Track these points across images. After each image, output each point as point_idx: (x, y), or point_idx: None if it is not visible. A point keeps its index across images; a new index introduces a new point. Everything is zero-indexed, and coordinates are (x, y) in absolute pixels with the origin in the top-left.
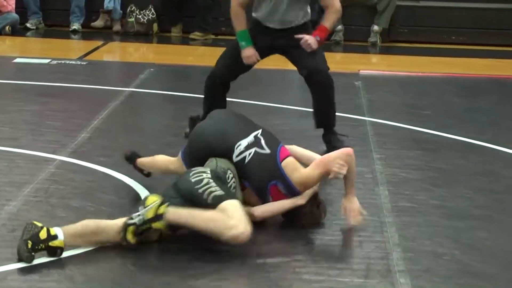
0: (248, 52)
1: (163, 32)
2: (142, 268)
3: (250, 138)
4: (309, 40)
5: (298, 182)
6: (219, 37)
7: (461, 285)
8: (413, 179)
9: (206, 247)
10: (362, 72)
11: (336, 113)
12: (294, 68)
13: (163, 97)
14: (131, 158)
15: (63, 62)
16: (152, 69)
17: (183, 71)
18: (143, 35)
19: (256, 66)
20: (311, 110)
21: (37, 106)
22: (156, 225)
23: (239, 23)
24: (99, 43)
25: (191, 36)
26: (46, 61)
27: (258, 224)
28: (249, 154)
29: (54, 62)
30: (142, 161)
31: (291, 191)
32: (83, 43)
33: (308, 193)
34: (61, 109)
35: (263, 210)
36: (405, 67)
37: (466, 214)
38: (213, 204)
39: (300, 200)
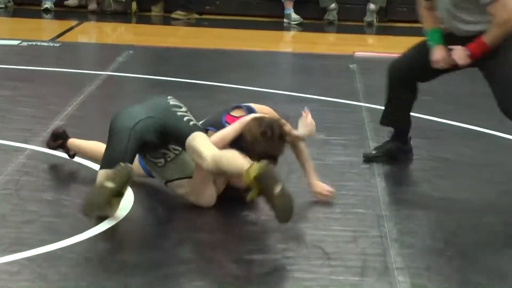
0: (437, 54)
1: (143, 11)
2: (120, 266)
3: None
4: (458, 52)
5: None
6: (204, 16)
7: (464, 283)
8: (413, 170)
9: (187, 242)
10: (358, 54)
11: (331, 99)
12: (284, 50)
13: (142, 82)
14: (61, 136)
15: (34, 43)
16: (130, 51)
17: (164, 53)
18: (121, 14)
19: (246, 48)
20: (301, 95)
21: (6, 91)
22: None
23: (426, 22)
24: (73, 23)
25: (173, 15)
26: (16, 42)
27: (245, 219)
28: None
29: (25, 43)
30: (74, 142)
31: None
32: (56, 23)
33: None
34: (32, 94)
35: (216, 136)
36: (403, 49)
37: (469, 207)
38: (192, 130)
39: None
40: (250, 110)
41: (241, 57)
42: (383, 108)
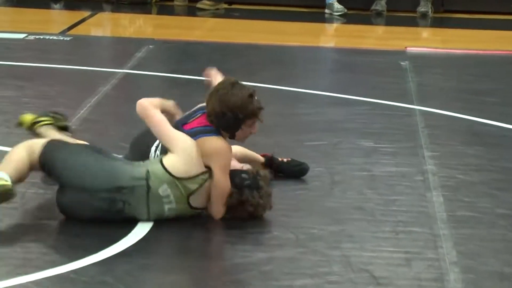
0: None
1: (165, 0)
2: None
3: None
4: None
5: None
6: (233, 6)
7: None
8: (474, 182)
9: (210, 264)
10: (410, 49)
11: (380, 101)
12: (326, 45)
13: (164, 80)
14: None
15: (41, 37)
16: (151, 46)
17: (188, 48)
18: (139, 4)
19: (281, 42)
20: (345, 96)
21: (10, 91)
22: None
23: None
24: (86, 14)
25: (199, 5)
26: (21, 36)
27: (281, 238)
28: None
29: (31, 37)
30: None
31: None
32: (66, 14)
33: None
34: (40, 95)
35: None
36: (462, 44)
37: None
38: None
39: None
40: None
41: (276, 53)
42: (439, 111)
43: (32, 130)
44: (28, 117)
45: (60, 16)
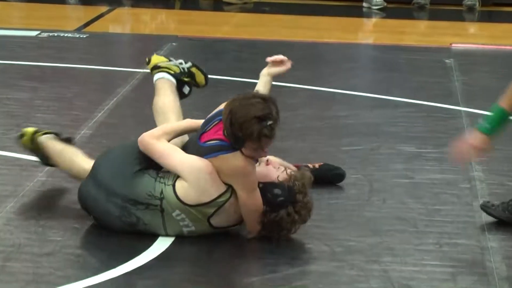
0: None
1: None
2: None
3: None
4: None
5: None
6: (263, 0)
7: None
8: None
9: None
10: (455, 46)
11: (423, 102)
12: (364, 41)
13: None
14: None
15: (55, 34)
16: (174, 44)
17: (215, 46)
18: None
19: (316, 39)
20: (385, 97)
21: (22, 93)
22: None
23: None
24: (103, 9)
25: None
26: (34, 33)
27: (314, 251)
28: None
29: (44, 34)
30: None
31: None
32: (82, 9)
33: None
34: (54, 97)
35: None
36: None
37: None
38: None
39: None
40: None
41: (310, 51)
42: (486, 113)
43: (31, 143)
44: (30, 129)
45: (76, 12)
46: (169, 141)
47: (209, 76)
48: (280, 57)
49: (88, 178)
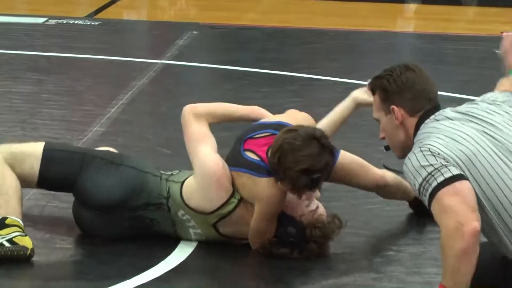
0: None
1: None
2: None
3: None
4: None
5: None
6: None
7: None
8: None
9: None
10: (507, 35)
11: (472, 97)
12: (405, 29)
13: (210, 73)
14: None
15: (64, 21)
16: (194, 32)
17: (239, 34)
18: None
19: (351, 27)
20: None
21: (28, 86)
22: None
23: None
24: None
25: None
26: (41, 20)
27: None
28: None
29: (52, 21)
30: None
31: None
32: None
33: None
34: (63, 91)
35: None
36: None
37: None
38: None
39: None
40: (278, 128)
41: (345, 40)
42: None
43: None
44: None
45: None
46: (215, 123)
47: (233, 68)
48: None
49: (83, 205)
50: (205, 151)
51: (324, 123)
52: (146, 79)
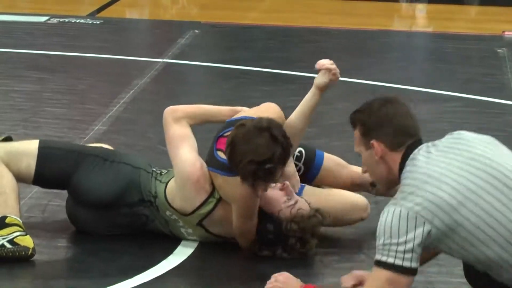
0: None
1: None
2: None
3: None
4: None
5: None
6: None
7: None
8: None
9: None
10: (508, 34)
11: (473, 96)
12: (407, 28)
13: (212, 72)
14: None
15: (66, 20)
16: (196, 31)
17: (242, 33)
18: None
19: (354, 26)
20: (431, 91)
21: (29, 85)
22: None
23: None
24: None
25: None
26: (43, 19)
27: None
28: None
29: (54, 20)
30: None
31: None
32: None
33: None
34: (64, 89)
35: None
36: None
37: None
38: None
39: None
40: None
41: (348, 39)
42: None
43: None
44: None
45: None
46: (196, 125)
47: (235, 66)
48: (326, 62)
49: (77, 202)
50: (183, 153)
51: (294, 116)
52: (147, 77)
